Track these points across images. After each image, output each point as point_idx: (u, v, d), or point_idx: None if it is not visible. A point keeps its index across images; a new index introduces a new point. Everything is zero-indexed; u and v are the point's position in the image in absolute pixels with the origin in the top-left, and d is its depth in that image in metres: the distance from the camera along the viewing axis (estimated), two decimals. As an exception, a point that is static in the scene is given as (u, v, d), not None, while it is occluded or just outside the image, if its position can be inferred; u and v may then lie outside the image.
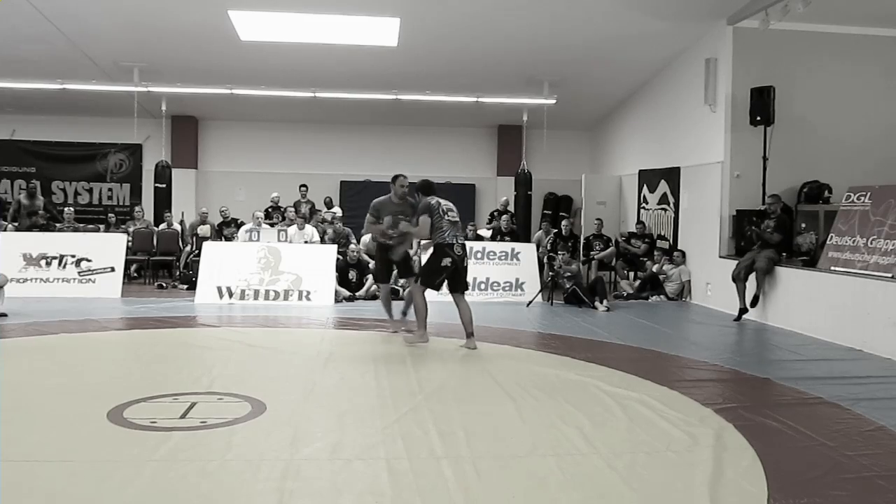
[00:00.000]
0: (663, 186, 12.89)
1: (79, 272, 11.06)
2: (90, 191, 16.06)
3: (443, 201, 7.51)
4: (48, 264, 11.10)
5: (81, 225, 13.40)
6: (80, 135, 15.78)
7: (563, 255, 11.51)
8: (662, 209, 12.93)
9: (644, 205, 13.55)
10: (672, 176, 12.58)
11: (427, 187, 7.70)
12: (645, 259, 12.61)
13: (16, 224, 12.98)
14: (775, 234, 9.63)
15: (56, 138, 15.81)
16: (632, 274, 12.76)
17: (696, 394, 5.59)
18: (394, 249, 7.87)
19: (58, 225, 13.17)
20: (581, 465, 3.99)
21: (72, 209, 13.83)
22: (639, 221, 13.27)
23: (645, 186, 13.51)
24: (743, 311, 9.72)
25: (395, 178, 8.03)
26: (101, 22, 11.19)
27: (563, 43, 11.84)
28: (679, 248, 12.25)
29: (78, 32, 11.57)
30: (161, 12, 10.81)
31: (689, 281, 11.90)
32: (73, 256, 11.10)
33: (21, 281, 10.66)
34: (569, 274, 11.23)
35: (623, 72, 13.33)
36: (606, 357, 7.02)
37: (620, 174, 15.13)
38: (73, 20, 11.10)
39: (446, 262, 7.24)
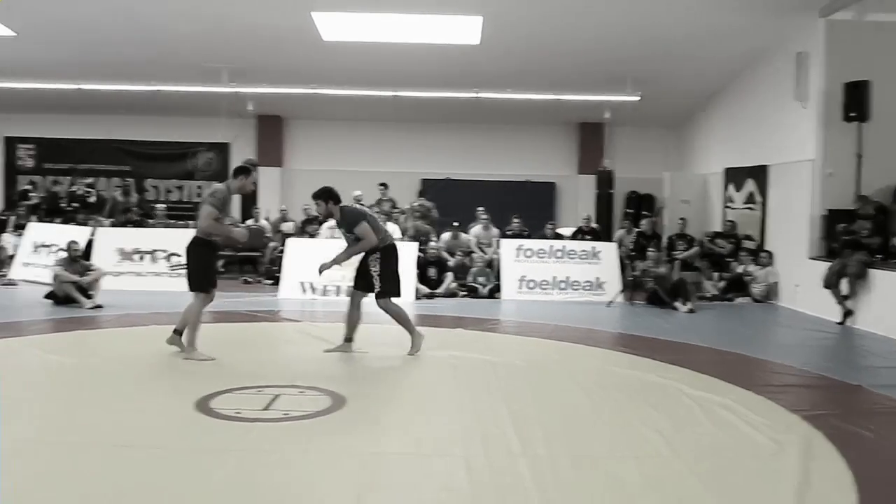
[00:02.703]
0: (750, 185, 12.52)
1: (169, 266, 11.46)
2: (181, 188, 16.66)
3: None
4: (141, 259, 11.57)
5: (172, 221, 13.89)
6: (172, 134, 16.36)
7: (654, 253, 11.27)
8: (749, 208, 12.57)
9: (730, 204, 13.20)
10: (759, 174, 12.21)
11: (336, 195, 6.64)
12: (730, 259, 12.28)
13: (112, 220, 13.54)
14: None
15: (149, 138, 16.44)
16: (716, 275, 12.44)
17: (783, 399, 5.41)
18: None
19: (150, 221, 13.69)
20: (661, 469, 3.92)
21: (163, 206, 14.35)
22: (728, 220, 12.93)
23: (731, 185, 13.16)
24: (848, 313, 9.30)
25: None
26: (190, 26, 11.57)
27: (646, 39, 11.63)
28: (766, 248, 11.89)
29: (169, 36, 11.99)
30: (247, 15, 11.10)
31: (777, 283, 11.53)
32: (165, 251, 11.51)
33: (116, 274, 11.10)
34: (655, 274, 11.00)
35: (709, 67, 13.01)
36: (689, 359, 6.86)
37: (705, 172, 14.77)
38: (165, 25, 11.51)
39: (398, 262, 6.80)
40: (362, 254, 6.60)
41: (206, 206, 6.29)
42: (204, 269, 6.43)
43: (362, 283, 6.66)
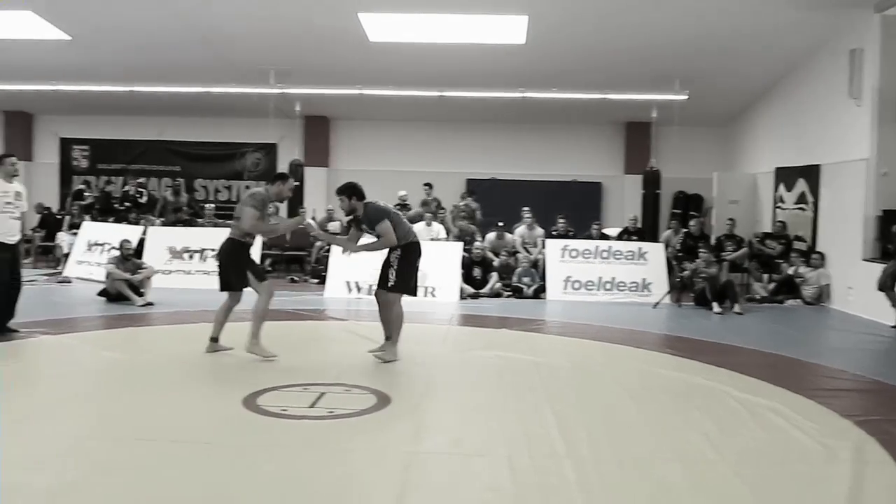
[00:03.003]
0: (801, 185, 12.27)
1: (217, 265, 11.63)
2: (229, 188, 16.94)
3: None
4: (190, 257, 11.79)
5: (221, 220, 14.12)
6: (220, 135, 16.64)
7: (705, 254, 11.07)
8: (800, 209, 12.32)
9: (780, 204, 12.95)
10: (811, 174, 11.96)
11: (360, 191, 6.53)
12: (780, 261, 12.05)
13: (162, 219, 13.82)
14: None
15: (198, 139, 16.75)
16: (766, 276, 12.22)
17: (835, 404, 5.30)
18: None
19: (199, 220, 13.93)
20: (707, 473, 3.88)
21: (212, 206, 14.60)
22: (778, 221, 12.69)
23: (781, 185, 12.91)
24: None
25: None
26: (239, 28, 11.75)
27: (695, 36, 11.47)
28: (818, 249, 11.64)
29: (219, 38, 12.19)
30: (295, 17, 11.23)
31: (829, 285, 11.28)
32: (213, 250, 11.62)
33: (166, 272, 11.32)
34: (705, 275, 10.82)
35: (759, 65, 12.78)
36: (737, 362, 6.75)
37: (755, 172, 14.52)
38: (215, 27, 11.71)
39: (419, 261, 6.67)
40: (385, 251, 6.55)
41: (246, 207, 6.33)
42: (240, 268, 6.51)
43: (384, 280, 6.58)
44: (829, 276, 11.29)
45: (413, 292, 6.70)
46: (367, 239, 6.71)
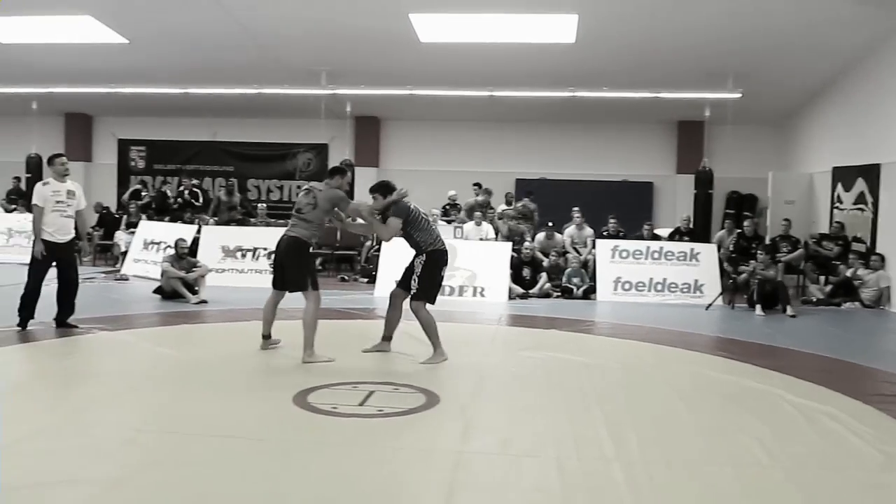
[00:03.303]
0: (860, 185, 11.96)
1: (270, 264, 11.81)
2: (281, 188, 17.18)
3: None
4: (243, 256, 11.98)
5: (273, 220, 14.32)
6: (272, 136, 16.88)
7: (762, 255, 10.82)
8: (859, 209, 12.01)
9: (838, 204, 12.64)
10: (871, 173, 11.64)
11: (393, 190, 6.56)
12: (837, 262, 11.76)
13: (216, 219, 14.07)
14: None
15: (251, 139, 17.01)
16: (822, 278, 11.94)
17: (894, 410, 5.14)
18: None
19: (252, 220, 14.15)
20: (760, 478, 3.81)
21: (264, 205, 14.82)
22: (836, 222, 12.38)
23: (839, 185, 12.60)
24: None
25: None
26: (292, 29, 11.90)
27: (748, 32, 11.25)
28: (877, 251, 11.33)
29: (272, 40, 12.37)
30: (347, 19, 11.34)
31: (889, 287, 10.98)
32: (265, 249, 11.87)
33: (220, 271, 11.52)
34: (762, 277, 10.57)
35: (817, 60, 12.46)
36: (792, 366, 6.61)
37: (811, 171, 14.20)
38: (268, 29, 11.88)
39: (444, 271, 6.58)
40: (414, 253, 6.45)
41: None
42: (307, 269, 6.41)
43: (405, 282, 6.50)
44: (890, 279, 10.99)
45: (432, 300, 6.53)
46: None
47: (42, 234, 7.16)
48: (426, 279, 6.35)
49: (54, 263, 7.32)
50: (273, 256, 6.81)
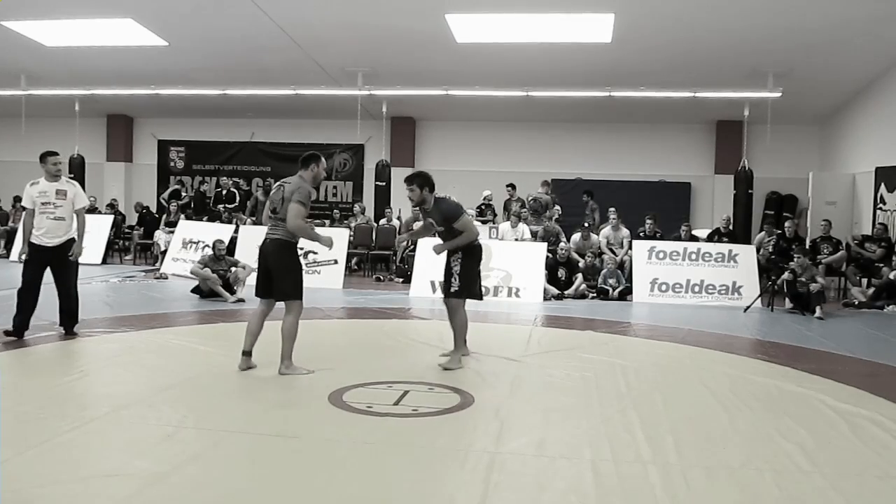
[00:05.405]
0: (905, 185, 11.73)
1: (306, 263, 11.87)
2: (317, 188, 17.25)
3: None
4: (280, 256, 12.04)
5: (308, 220, 14.39)
6: (309, 136, 17.03)
7: (800, 258, 10.58)
8: (903, 210, 11.77)
9: (881, 205, 12.39)
10: (916, 174, 11.41)
11: (432, 182, 6.39)
12: (881, 265, 11.52)
13: (253, 218, 14.20)
14: None
15: (288, 140, 17.17)
16: (865, 281, 11.70)
17: (940, 416, 5.04)
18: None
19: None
20: (801, 484, 3.74)
21: (301, 205, 14.90)
22: (879, 223, 12.12)
23: (882, 185, 12.35)
24: None
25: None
26: (329, 31, 11.98)
27: (789, 30, 11.06)
28: (922, 253, 11.09)
29: (309, 42, 12.46)
30: (383, 19, 11.38)
31: (934, 290, 10.74)
32: (301, 249, 11.79)
33: (256, 270, 11.60)
34: (802, 279, 10.37)
35: (859, 58, 12.22)
36: (833, 369, 6.49)
37: (854, 172, 13.94)
38: (305, 31, 11.97)
39: (480, 264, 6.40)
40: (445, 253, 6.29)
41: (293, 203, 5.83)
42: (298, 273, 6.02)
43: (448, 285, 6.28)
44: (935, 282, 10.74)
45: (478, 296, 6.43)
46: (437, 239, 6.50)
47: (31, 237, 6.73)
48: (466, 275, 6.22)
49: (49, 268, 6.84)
50: (257, 263, 6.36)
